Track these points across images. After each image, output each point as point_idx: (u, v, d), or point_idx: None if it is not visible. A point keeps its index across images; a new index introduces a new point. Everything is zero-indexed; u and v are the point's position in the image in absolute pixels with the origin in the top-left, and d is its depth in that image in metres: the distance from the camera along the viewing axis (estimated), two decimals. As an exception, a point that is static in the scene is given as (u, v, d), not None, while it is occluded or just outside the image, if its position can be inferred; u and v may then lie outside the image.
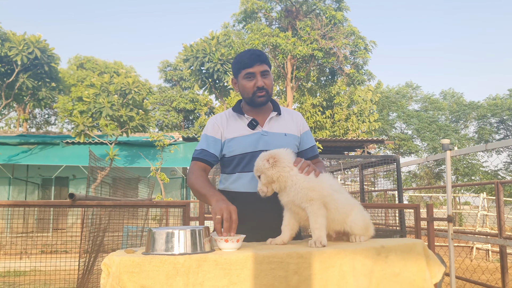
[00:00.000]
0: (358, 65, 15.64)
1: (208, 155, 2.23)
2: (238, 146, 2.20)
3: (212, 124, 2.27)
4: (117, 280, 1.55)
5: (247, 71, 2.20)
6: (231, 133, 2.23)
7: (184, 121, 29.12)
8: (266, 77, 2.21)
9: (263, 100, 2.22)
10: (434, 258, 1.92)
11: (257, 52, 2.22)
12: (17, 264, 6.79)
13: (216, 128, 2.25)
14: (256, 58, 2.19)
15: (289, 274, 1.63)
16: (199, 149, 2.25)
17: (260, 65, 2.19)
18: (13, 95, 14.97)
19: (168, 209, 6.21)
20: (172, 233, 1.66)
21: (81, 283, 4.45)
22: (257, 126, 2.23)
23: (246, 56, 2.20)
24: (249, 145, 2.19)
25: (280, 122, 2.28)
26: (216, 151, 2.24)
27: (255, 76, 2.20)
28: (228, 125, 2.25)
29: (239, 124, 2.24)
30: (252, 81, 2.20)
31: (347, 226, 1.92)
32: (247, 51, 2.22)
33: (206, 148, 2.23)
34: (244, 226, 2.09)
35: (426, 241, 4.38)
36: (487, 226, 12.63)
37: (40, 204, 4.00)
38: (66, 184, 16.77)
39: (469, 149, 4.70)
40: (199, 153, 2.24)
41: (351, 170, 7.97)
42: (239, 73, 2.24)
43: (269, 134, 2.22)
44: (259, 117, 2.27)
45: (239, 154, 2.20)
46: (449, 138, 25.88)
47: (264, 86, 2.20)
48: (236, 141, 2.21)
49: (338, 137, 18.80)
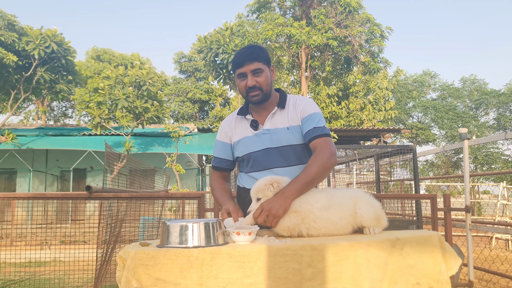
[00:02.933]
0: (374, 53, 15.43)
1: (221, 162, 2.34)
2: (244, 148, 2.24)
3: (221, 128, 2.35)
4: (132, 273, 1.57)
5: (239, 71, 2.18)
6: (238, 135, 2.28)
7: (199, 112, 29.20)
8: (258, 75, 2.16)
9: (256, 99, 2.19)
10: (450, 250, 1.90)
11: (249, 50, 2.17)
12: (38, 254, 6.94)
13: (224, 132, 2.33)
14: (246, 56, 2.14)
15: (303, 266, 1.63)
16: (214, 157, 2.37)
17: (251, 63, 2.14)
18: (31, 89, 15.19)
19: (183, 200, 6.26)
20: (186, 226, 1.68)
21: (99, 273, 4.53)
22: (258, 125, 2.23)
23: (238, 56, 2.17)
24: (253, 145, 2.22)
25: (283, 116, 2.23)
26: (227, 156, 2.33)
27: (246, 76, 2.17)
28: (236, 127, 2.30)
29: (244, 126, 2.28)
30: (244, 81, 2.18)
31: (358, 215, 1.92)
32: (241, 50, 2.19)
33: (218, 155, 2.35)
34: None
35: (443, 231, 4.34)
36: (506, 215, 12.42)
37: (58, 196, 4.06)
38: (84, 175, 17.04)
39: (488, 138, 4.60)
40: (214, 162, 2.37)
41: (367, 160, 7.90)
42: (235, 73, 2.23)
43: (271, 131, 2.20)
44: (262, 114, 2.25)
45: (246, 154, 2.23)
46: (468, 126, 25.44)
47: (256, 85, 2.16)
48: (241, 142, 2.26)
49: (353, 126, 18.64)
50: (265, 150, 2.19)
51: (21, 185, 16.92)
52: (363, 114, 19.54)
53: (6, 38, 13.78)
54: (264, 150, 2.19)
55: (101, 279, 4.57)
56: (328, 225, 1.88)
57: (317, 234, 1.89)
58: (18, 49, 14.10)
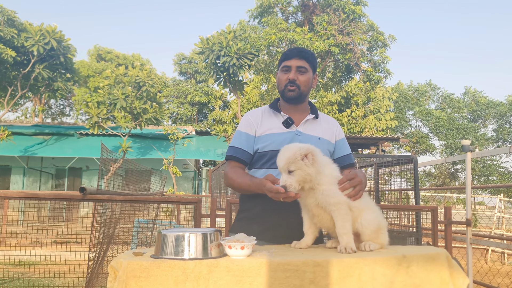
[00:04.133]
0: (376, 62, 15.38)
1: (242, 153, 2.18)
2: (271, 142, 2.14)
3: (246, 120, 2.23)
4: (123, 284, 1.48)
5: (285, 63, 2.18)
6: (265, 129, 2.17)
7: (198, 114, 29.11)
8: (302, 73, 2.16)
9: (292, 95, 2.16)
10: (458, 269, 1.81)
11: (301, 49, 2.21)
12: (30, 253, 6.82)
13: (250, 123, 2.20)
14: (298, 53, 2.17)
15: (305, 283, 1.54)
16: (233, 147, 2.20)
17: (299, 60, 2.15)
18: (29, 86, 15.07)
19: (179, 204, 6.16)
20: (183, 236, 1.58)
21: (91, 276, 4.43)
22: (292, 125, 2.17)
23: (289, 50, 2.20)
24: (282, 142, 2.09)
25: (315, 126, 2.23)
26: (249, 149, 2.19)
27: (290, 69, 2.16)
28: (263, 121, 2.20)
29: (274, 121, 2.20)
30: (287, 74, 2.17)
31: (359, 224, 1.81)
32: (294, 47, 2.22)
33: (240, 146, 2.18)
34: (268, 223, 2.10)
35: (443, 244, 4.25)
36: (503, 228, 12.39)
37: (51, 197, 3.97)
38: (79, 175, 16.92)
39: (492, 151, 4.53)
40: (232, 151, 2.19)
41: (364, 169, 7.83)
42: (279, 66, 2.22)
43: (303, 135, 2.16)
44: (295, 117, 2.21)
45: (271, 150, 2.12)
46: (467, 137, 25.45)
47: (296, 81, 2.15)
48: (269, 137, 2.15)
49: (353, 134, 18.59)
50: None
51: (15, 183, 16.76)
52: (364, 122, 19.50)
53: (5, 33, 13.69)
54: None
55: (93, 283, 4.46)
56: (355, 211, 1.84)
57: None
58: (17, 45, 14.01)
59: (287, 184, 1.73)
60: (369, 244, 1.80)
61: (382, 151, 16.05)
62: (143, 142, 16.22)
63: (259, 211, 2.13)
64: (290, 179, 1.73)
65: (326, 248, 1.90)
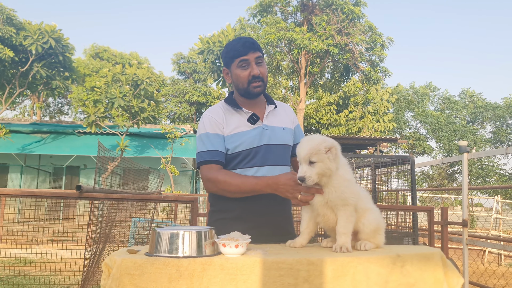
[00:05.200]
0: (374, 62, 15.40)
1: (219, 155, 2.05)
2: (241, 142, 2.05)
3: (209, 120, 2.09)
4: (117, 282, 1.47)
5: (241, 59, 2.06)
6: (232, 128, 2.08)
7: (196, 113, 29.11)
8: (260, 64, 2.09)
9: (259, 90, 2.10)
10: (452, 269, 1.81)
11: (251, 40, 2.11)
12: (26, 252, 6.80)
13: (215, 123, 2.08)
14: (250, 45, 2.07)
15: (299, 282, 1.54)
16: (206, 151, 2.05)
17: (254, 52, 2.07)
18: (27, 84, 15.05)
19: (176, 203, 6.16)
20: (177, 234, 1.58)
21: (87, 274, 4.42)
22: (258, 120, 2.11)
23: (240, 44, 2.07)
24: (253, 140, 2.07)
25: (276, 116, 2.19)
26: (223, 149, 2.07)
27: (249, 64, 2.07)
28: (226, 119, 2.10)
29: (238, 119, 2.10)
30: (247, 69, 2.07)
31: (361, 223, 1.81)
32: (239, 39, 2.11)
33: (216, 148, 2.04)
34: (250, 223, 2.04)
35: (439, 244, 4.26)
36: (500, 229, 12.40)
37: (47, 195, 3.96)
38: (77, 173, 16.89)
39: (488, 152, 4.54)
40: (208, 155, 2.04)
41: (362, 169, 7.84)
42: (232, 62, 2.10)
43: (270, 128, 2.12)
44: (256, 110, 2.15)
45: (244, 150, 2.06)
46: (464, 139, 25.51)
47: (260, 75, 2.08)
48: (238, 136, 2.06)
49: (351, 134, 18.60)
50: (265, 146, 2.08)
51: (12, 181, 16.73)
52: (362, 123, 19.52)
53: (4, 32, 13.65)
54: (264, 146, 2.08)
55: (88, 281, 4.46)
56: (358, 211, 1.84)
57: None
58: (16, 44, 13.98)
59: (307, 175, 1.69)
60: (364, 244, 1.80)
61: (380, 151, 16.07)
62: (140, 140, 16.20)
63: (239, 212, 2.06)
64: (310, 171, 1.69)
65: (321, 247, 1.89)
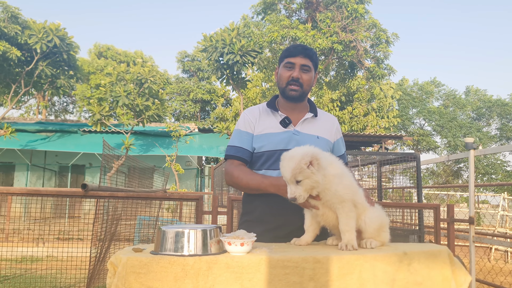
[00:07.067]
0: (379, 59, 15.33)
1: (243, 152, 2.12)
2: (268, 143, 2.09)
3: (244, 118, 2.18)
4: (122, 280, 1.47)
5: (288, 60, 2.12)
6: (262, 129, 2.13)
7: (201, 111, 29.12)
8: (305, 72, 2.12)
9: (294, 94, 2.12)
10: (460, 266, 1.80)
11: (305, 47, 2.16)
12: (32, 250, 6.84)
13: (248, 122, 2.15)
14: (301, 50, 2.12)
15: (305, 280, 1.53)
16: (233, 146, 2.14)
17: (303, 58, 2.11)
18: (32, 83, 15.09)
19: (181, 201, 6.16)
20: (182, 232, 1.58)
21: (92, 273, 4.44)
22: (290, 124, 2.12)
23: (293, 47, 2.15)
24: (279, 143, 2.08)
25: (314, 124, 2.18)
26: (250, 147, 2.14)
27: (294, 66, 2.11)
28: (260, 119, 2.15)
29: (271, 120, 2.14)
30: (290, 71, 2.12)
31: (362, 221, 1.80)
32: (298, 44, 2.17)
33: (240, 145, 2.13)
34: (270, 224, 2.07)
35: (445, 242, 4.23)
36: (506, 226, 12.32)
37: (53, 193, 3.97)
38: (82, 171, 16.96)
39: (495, 148, 4.51)
40: (233, 151, 2.14)
41: (367, 166, 7.81)
42: (281, 62, 2.17)
43: (301, 135, 2.12)
44: (294, 115, 2.16)
45: (268, 151, 2.09)
46: (470, 136, 25.39)
47: (300, 79, 2.10)
48: (266, 137, 2.11)
49: (355, 131, 18.53)
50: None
51: (18, 180, 16.82)
52: (366, 120, 19.43)
53: (9, 30, 13.70)
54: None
55: (94, 279, 4.47)
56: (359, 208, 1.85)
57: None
58: (21, 42, 14.02)
59: (297, 195, 1.71)
60: (370, 242, 1.79)
61: (385, 148, 16.01)
62: (145, 139, 16.24)
63: (259, 214, 2.11)
64: (299, 190, 1.70)
65: (327, 245, 1.89)
